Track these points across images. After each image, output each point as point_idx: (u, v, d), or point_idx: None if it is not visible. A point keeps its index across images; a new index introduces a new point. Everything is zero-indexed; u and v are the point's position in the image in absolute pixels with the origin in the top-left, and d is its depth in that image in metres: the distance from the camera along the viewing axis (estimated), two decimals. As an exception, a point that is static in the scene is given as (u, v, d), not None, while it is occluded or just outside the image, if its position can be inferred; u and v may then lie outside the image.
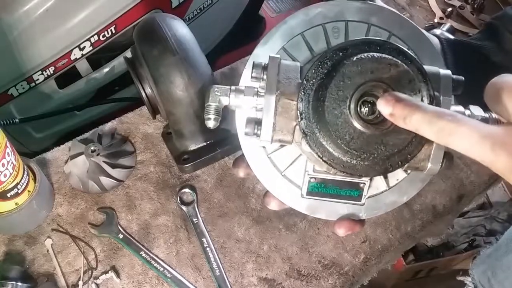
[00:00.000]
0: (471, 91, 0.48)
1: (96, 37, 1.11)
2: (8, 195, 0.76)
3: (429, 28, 1.13)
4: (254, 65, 0.49)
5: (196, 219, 0.86)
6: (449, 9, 1.17)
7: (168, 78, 0.81)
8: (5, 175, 0.74)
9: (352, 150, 0.44)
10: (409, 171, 0.53)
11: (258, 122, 0.48)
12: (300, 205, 0.54)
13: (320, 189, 0.53)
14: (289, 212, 0.88)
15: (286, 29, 0.53)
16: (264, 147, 0.53)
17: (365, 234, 0.87)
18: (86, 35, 1.09)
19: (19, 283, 0.75)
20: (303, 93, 0.45)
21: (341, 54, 0.44)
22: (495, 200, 1.74)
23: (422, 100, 0.43)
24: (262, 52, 0.52)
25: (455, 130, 0.39)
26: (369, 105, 0.44)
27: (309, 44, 0.53)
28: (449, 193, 0.93)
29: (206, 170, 0.92)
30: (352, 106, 0.43)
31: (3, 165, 0.72)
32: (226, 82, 1.00)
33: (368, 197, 0.53)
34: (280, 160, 0.53)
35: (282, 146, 0.52)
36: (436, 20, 1.16)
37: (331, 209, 0.54)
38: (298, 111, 0.46)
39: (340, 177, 0.52)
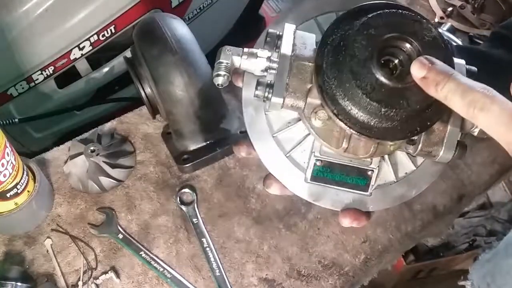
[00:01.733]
0: None
1: (95, 37, 1.11)
2: (8, 195, 0.76)
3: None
4: (269, 33, 0.47)
5: (196, 219, 0.86)
6: (450, 8, 1.17)
7: (168, 78, 0.81)
8: (4, 175, 0.73)
9: (373, 102, 0.41)
10: (419, 163, 0.52)
11: (269, 85, 0.46)
12: (303, 191, 0.52)
13: (326, 174, 0.50)
14: (289, 212, 0.88)
15: (300, 12, 0.52)
16: (269, 123, 0.50)
17: (365, 234, 0.87)
18: (85, 35, 1.09)
19: (19, 283, 0.74)
20: (322, 47, 0.43)
21: (363, 11, 0.43)
22: (496, 200, 1.74)
23: (446, 54, 0.42)
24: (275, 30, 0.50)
25: (488, 107, 0.37)
26: (393, 58, 0.42)
27: (322, 28, 0.52)
28: (450, 193, 0.93)
29: (206, 170, 0.92)
30: (376, 57, 0.41)
31: (2, 165, 0.72)
32: (226, 82, 1.00)
33: (375, 188, 0.51)
34: (285, 141, 0.51)
35: (288, 126, 0.50)
36: (436, 20, 1.16)
37: (336, 197, 0.52)
38: (315, 66, 0.43)
39: (347, 162, 0.49)
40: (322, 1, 0.52)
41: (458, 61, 0.48)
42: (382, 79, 0.41)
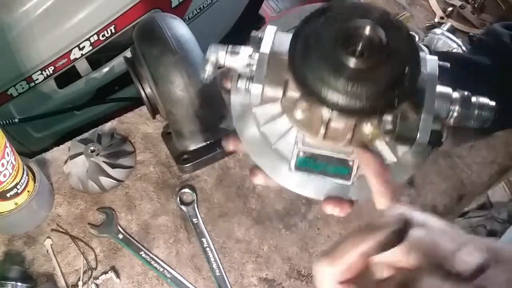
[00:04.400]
0: None
1: (95, 37, 1.11)
2: (8, 195, 0.76)
3: (429, 28, 1.13)
4: (251, 37, 0.51)
5: (196, 219, 0.86)
6: (450, 8, 1.17)
7: (168, 78, 0.81)
8: (4, 175, 0.73)
9: (339, 80, 0.44)
10: (399, 156, 0.53)
11: (250, 78, 0.50)
12: (287, 181, 0.54)
13: (309, 164, 0.52)
14: (289, 212, 0.88)
15: (284, 22, 0.57)
16: (256, 118, 0.53)
17: (365, 234, 0.87)
18: (85, 35, 1.09)
19: (19, 283, 0.75)
20: (294, 39, 0.47)
21: (330, 8, 0.47)
22: (496, 200, 1.74)
23: (407, 39, 0.46)
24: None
25: None
26: (357, 42, 0.46)
27: None
28: (450, 193, 0.93)
29: (206, 170, 0.92)
30: (340, 41, 0.45)
31: (2, 165, 0.72)
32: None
33: (357, 178, 0.53)
34: (270, 134, 0.53)
35: (273, 120, 0.53)
36: (436, 20, 1.16)
37: (319, 186, 0.54)
38: (289, 55, 0.47)
39: (329, 153, 0.52)
40: (305, 11, 0.55)
41: (430, 57, 0.51)
42: (347, 59, 0.44)
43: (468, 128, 0.54)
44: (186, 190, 0.89)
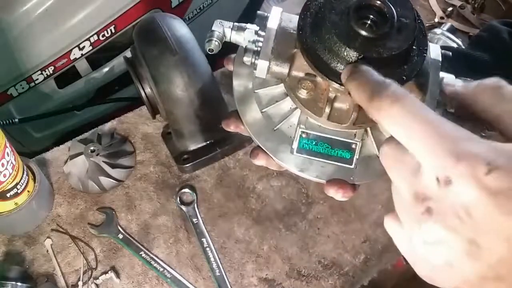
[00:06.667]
0: None
1: (95, 37, 1.11)
2: (8, 195, 0.76)
3: (429, 28, 1.13)
4: (258, 15, 0.52)
5: (196, 219, 0.86)
6: (450, 8, 1.17)
7: (168, 78, 0.81)
8: (4, 175, 0.73)
9: (350, 49, 0.44)
10: None
11: (256, 52, 0.50)
12: (289, 162, 0.53)
13: (311, 146, 0.52)
14: (289, 212, 0.88)
15: (286, 8, 0.56)
16: (259, 99, 0.53)
17: (365, 234, 0.87)
18: (85, 35, 1.09)
19: (19, 283, 0.74)
20: (303, 13, 0.47)
21: None
22: (496, 200, 1.74)
23: (416, 17, 0.46)
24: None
25: (386, 108, 0.36)
26: (369, 13, 0.46)
27: None
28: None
29: (206, 170, 0.92)
30: (352, 11, 0.45)
31: (2, 165, 0.72)
32: (226, 81, 1.00)
33: (359, 162, 0.53)
34: (273, 116, 0.53)
35: (276, 102, 0.53)
36: (436, 20, 1.16)
37: (321, 169, 0.53)
38: (298, 27, 0.47)
39: (332, 135, 0.52)
40: None
41: (433, 45, 0.51)
42: (358, 29, 0.44)
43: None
44: (186, 190, 0.89)
